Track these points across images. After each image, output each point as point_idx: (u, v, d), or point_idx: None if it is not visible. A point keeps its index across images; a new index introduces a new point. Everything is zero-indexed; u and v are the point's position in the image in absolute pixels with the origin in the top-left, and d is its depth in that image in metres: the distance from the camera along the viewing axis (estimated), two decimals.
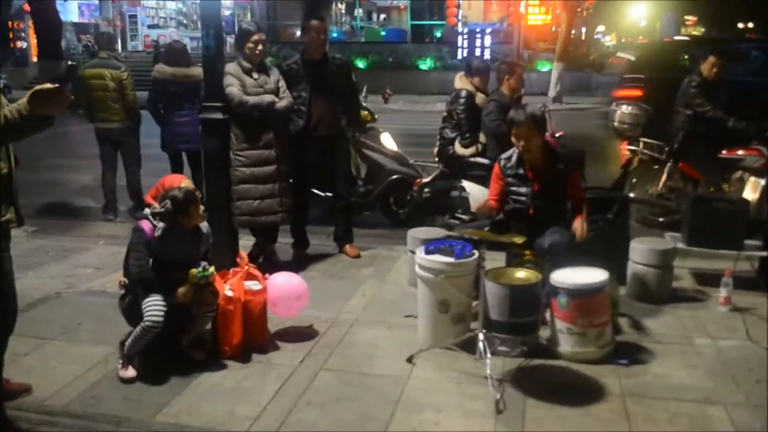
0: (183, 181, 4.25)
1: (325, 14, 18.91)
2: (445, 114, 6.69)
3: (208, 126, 5.02)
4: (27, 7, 23.21)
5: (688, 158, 6.70)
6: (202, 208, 3.95)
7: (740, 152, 6.48)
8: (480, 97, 6.39)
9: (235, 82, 5.26)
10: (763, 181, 6.08)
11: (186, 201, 3.83)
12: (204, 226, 4.03)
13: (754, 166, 6.31)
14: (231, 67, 5.34)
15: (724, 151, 6.58)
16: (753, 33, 45.11)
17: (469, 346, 3.92)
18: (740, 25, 45.41)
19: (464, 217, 6.06)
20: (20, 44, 28.65)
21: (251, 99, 5.24)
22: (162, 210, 3.82)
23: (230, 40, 16.88)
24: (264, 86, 5.37)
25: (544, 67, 22.13)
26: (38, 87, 2.96)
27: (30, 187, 9.14)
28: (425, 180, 6.63)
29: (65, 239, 6.65)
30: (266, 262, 5.52)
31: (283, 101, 5.41)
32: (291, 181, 5.67)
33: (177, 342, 4.00)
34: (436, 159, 6.83)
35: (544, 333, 4.18)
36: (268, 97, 5.33)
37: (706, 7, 42.42)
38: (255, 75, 5.37)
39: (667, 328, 4.47)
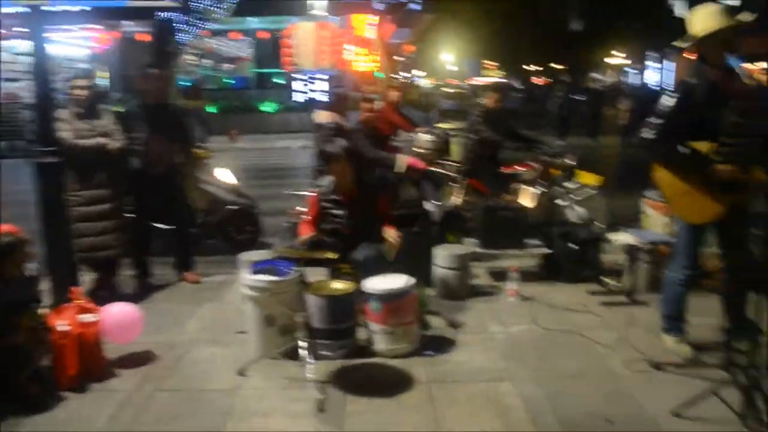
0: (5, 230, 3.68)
1: (172, 64, 18.28)
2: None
3: (41, 169, 4.59)
4: None
5: (477, 175, 6.90)
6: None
7: (516, 167, 6.78)
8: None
9: (66, 126, 4.87)
10: (537, 191, 6.38)
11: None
12: (31, 268, 3.67)
13: (528, 178, 6.61)
14: (63, 113, 4.94)
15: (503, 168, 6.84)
16: (539, 73, 48.99)
17: (294, 354, 3.79)
18: (525, 67, 49.12)
19: None
20: None
21: (82, 142, 4.87)
22: None
23: None
24: (96, 129, 5.02)
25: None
26: None
27: None
28: None
29: None
30: (108, 294, 5.10)
31: (115, 143, 5.07)
32: (132, 215, 5.34)
33: (14, 380, 3.56)
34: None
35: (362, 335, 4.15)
36: (101, 140, 4.98)
37: (500, 54, 45.74)
38: (86, 119, 5.01)
39: (468, 320, 4.59)
